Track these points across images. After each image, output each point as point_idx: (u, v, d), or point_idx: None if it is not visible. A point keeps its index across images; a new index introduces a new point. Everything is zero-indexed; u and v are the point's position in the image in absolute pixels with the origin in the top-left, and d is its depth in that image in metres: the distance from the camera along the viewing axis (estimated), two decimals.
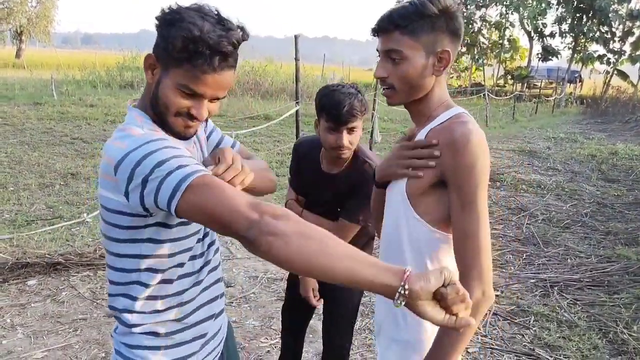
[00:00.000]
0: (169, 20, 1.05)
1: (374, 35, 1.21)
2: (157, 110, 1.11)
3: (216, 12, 1.07)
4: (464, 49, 27.94)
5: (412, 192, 1.19)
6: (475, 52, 28.96)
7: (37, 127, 10.19)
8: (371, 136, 9.57)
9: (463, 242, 1.11)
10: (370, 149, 9.31)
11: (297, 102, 6.67)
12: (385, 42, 1.18)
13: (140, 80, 19.70)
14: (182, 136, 1.14)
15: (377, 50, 1.22)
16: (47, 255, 3.86)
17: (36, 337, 2.92)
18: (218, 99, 1.12)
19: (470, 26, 27.58)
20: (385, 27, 1.17)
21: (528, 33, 29.05)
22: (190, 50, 1.02)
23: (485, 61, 29.83)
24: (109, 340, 2.93)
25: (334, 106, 1.73)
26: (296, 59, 6.64)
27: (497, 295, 3.74)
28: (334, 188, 1.89)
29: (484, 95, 16.82)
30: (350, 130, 1.76)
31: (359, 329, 3.19)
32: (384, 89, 1.23)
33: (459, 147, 1.10)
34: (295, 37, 6.95)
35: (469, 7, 28.23)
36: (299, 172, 2.02)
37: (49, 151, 8.20)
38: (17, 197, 5.71)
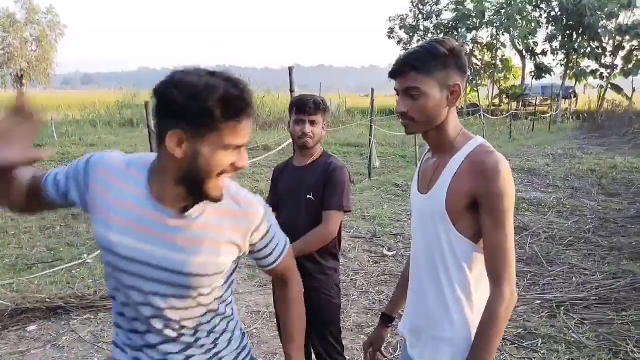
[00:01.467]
0: (188, 93, 1.05)
1: (391, 78, 1.40)
2: (193, 181, 1.11)
3: (204, 69, 1.10)
4: None
5: (451, 212, 1.35)
6: (469, 74, 29.28)
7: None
8: (370, 161, 9.60)
9: (495, 254, 1.31)
10: (369, 174, 9.34)
11: None
12: (404, 82, 1.36)
13: (140, 118, 19.88)
14: (218, 199, 1.15)
15: (396, 89, 1.40)
16: (47, 300, 3.83)
17: None
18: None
19: (463, 48, 27.99)
20: (403, 69, 1.35)
21: (520, 52, 29.46)
22: (228, 110, 1.06)
23: (479, 82, 30.19)
24: None
25: (301, 100, 2.21)
26: (291, 90, 6.72)
27: None
28: (304, 177, 2.21)
29: (480, 115, 16.94)
30: (312, 123, 2.17)
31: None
32: (403, 120, 1.41)
33: (492, 176, 1.29)
34: (290, 68, 7.05)
35: (460, 30, 28.72)
36: (276, 183, 2.36)
37: None
38: (17, 241, 5.71)
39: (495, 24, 27.66)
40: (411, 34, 31.27)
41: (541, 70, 28.62)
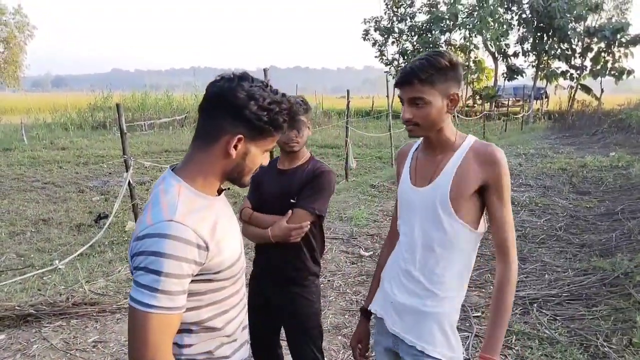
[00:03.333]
0: (261, 105, 1.22)
1: (396, 87, 1.54)
2: (236, 176, 1.31)
3: (260, 81, 1.26)
4: None
5: (454, 200, 1.52)
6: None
7: (7, 174, 9.99)
8: (346, 162, 9.64)
9: (503, 228, 1.52)
10: (346, 175, 9.37)
11: None
12: (409, 92, 1.50)
13: (112, 120, 19.52)
14: (246, 185, 1.38)
15: (400, 97, 1.55)
16: (17, 307, 3.72)
17: None
18: None
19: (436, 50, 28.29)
20: (409, 80, 1.49)
21: (492, 54, 29.94)
22: (286, 122, 1.29)
23: None
24: None
25: None
26: None
27: (477, 317, 3.74)
28: (289, 181, 2.16)
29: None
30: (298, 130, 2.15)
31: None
32: (408, 126, 1.55)
33: (499, 161, 1.50)
34: (265, 70, 7.04)
35: (433, 32, 29.05)
36: (258, 183, 2.23)
37: (19, 198, 8.03)
38: None
39: (468, 26, 28.04)
40: (386, 36, 31.48)
41: (513, 72, 29.13)
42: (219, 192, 1.35)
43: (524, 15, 27.53)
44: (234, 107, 1.20)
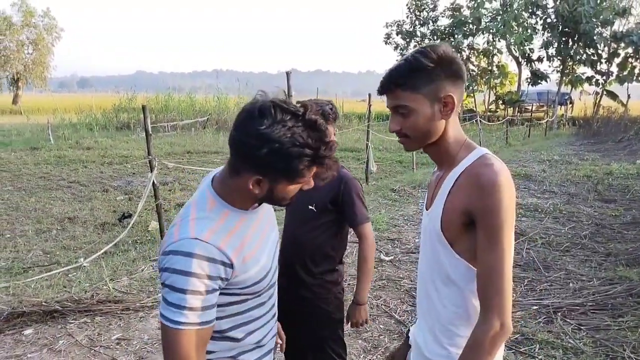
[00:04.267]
0: (274, 151, 1.10)
1: (379, 94, 1.33)
2: (269, 202, 1.29)
3: (292, 112, 1.12)
4: None
5: (447, 231, 1.27)
6: (465, 79, 29.36)
7: (34, 172, 10.23)
8: (367, 166, 9.62)
9: (487, 277, 1.19)
10: (366, 179, 9.35)
11: None
12: (391, 100, 1.29)
13: (136, 121, 19.86)
14: (286, 205, 1.34)
15: (387, 107, 1.33)
16: (43, 303, 3.80)
17: None
18: None
19: (459, 55, 28.04)
20: (388, 87, 1.28)
21: (516, 58, 29.58)
22: (312, 165, 1.17)
23: (475, 88, 30.28)
24: None
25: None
26: (289, 95, 6.75)
27: None
28: (311, 190, 2.01)
29: (476, 121, 17.01)
30: None
31: None
32: (399, 138, 1.34)
33: (486, 190, 1.18)
34: (287, 73, 7.08)
35: (456, 36, 28.84)
36: None
37: (46, 196, 8.21)
38: (14, 245, 5.69)
39: (491, 31, 27.77)
40: (408, 40, 31.39)
41: (537, 77, 28.74)
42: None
43: (548, 20, 27.15)
44: (244, 150, 1.13)
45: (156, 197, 5.80)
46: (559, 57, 27.58)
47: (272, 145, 1.08)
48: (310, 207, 2.11)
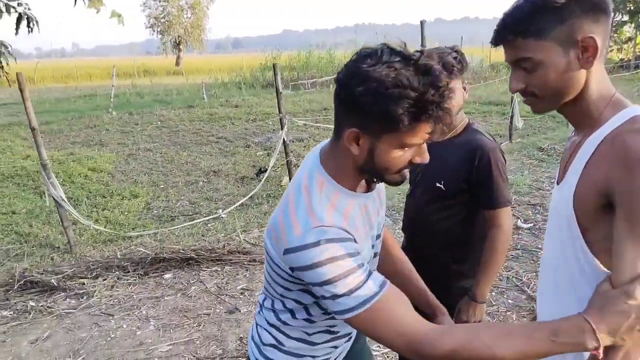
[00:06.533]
0: (373, 92, 0.93)
1: (494, 46, 1.04)
2: (373, 174, 1.10)
3: (406, 55, 0.95)
4: (625, 17, 24.21)
5: (581, 214, 0.99)
6: (611, 10, 24.87)
7: (189, 129, 11.25)
8: (511, 122, 8.78)
9: (620, 272, 0.90)
10: (510, 136, 8.55)
11: None
12: (510, 52, 1.02)
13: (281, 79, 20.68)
14: (399, 184, 1.12)
15: (506, 61, 1.06)
16: (181, 251, 4.16)
17: (165, 330, 3.15)
18: None
19: None
20: (504, 36, 1.01)
21: None
22: (418, 115, 0.94)
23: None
24: (227, 337, 3.04)
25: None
26: (422, 46, 6.36)
27: None
28: (439, 160, 1.61)
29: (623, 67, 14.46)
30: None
31: None
32: (525, 98, 1.06)
33: (634, 165, 0.88)
34: (422, 22, 6.68)
35: None
36: None
37: (196, 150, 8.99)
38: (166, 194, 6.33)
39: None
40: None
41: None
42: (369, 185, 1.17)
43: None
44: (345, 96, 0.98)
45: (287, 153, 5.94)
46: None
47: (369, 84, 0.92)
48: (438, 184, 1.79)
